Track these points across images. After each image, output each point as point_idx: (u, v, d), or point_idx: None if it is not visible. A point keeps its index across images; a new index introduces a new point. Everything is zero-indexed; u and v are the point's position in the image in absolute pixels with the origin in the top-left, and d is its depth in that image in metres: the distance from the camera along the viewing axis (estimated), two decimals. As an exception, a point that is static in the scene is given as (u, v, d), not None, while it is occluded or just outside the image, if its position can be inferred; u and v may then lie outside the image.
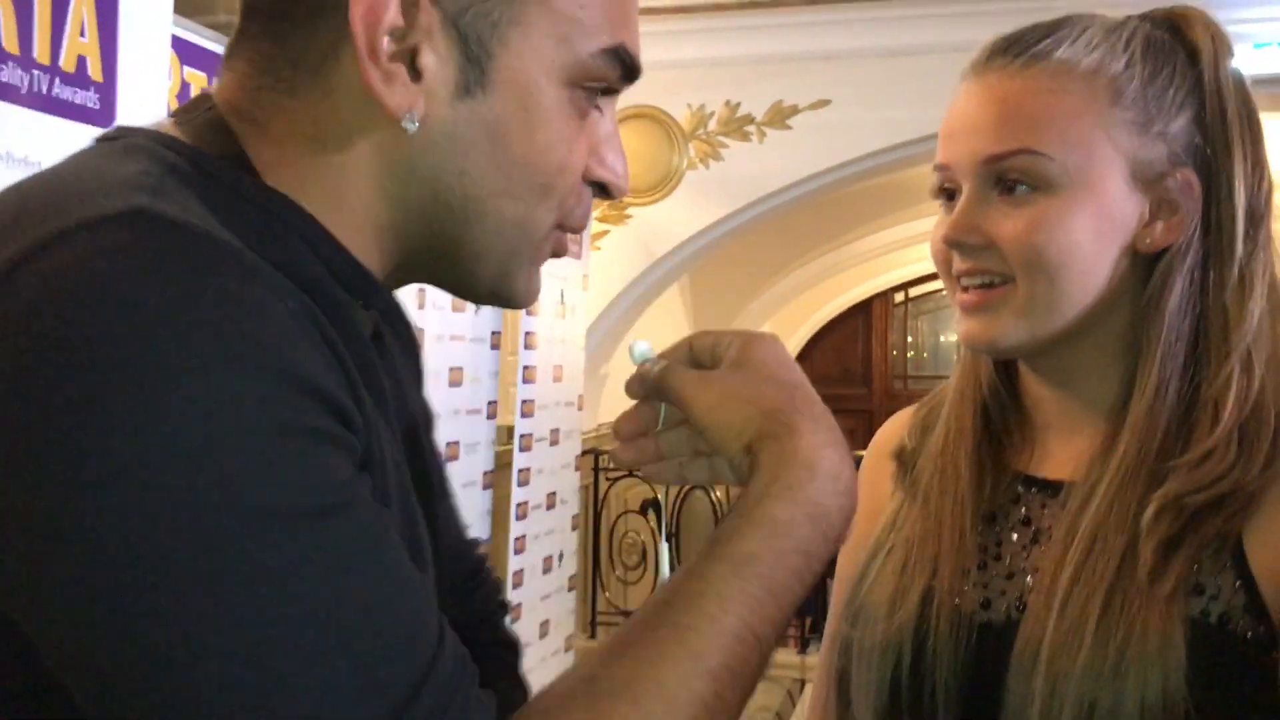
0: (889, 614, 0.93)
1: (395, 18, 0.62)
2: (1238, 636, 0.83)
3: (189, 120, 0.67)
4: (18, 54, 1.89)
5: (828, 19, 4.83)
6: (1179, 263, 0.90)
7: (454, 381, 3.80)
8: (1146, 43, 0.92)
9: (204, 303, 0.52)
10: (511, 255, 0.69)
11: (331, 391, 0.56)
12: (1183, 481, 0.84)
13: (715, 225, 5.09)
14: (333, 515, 0.53)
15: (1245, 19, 4.56)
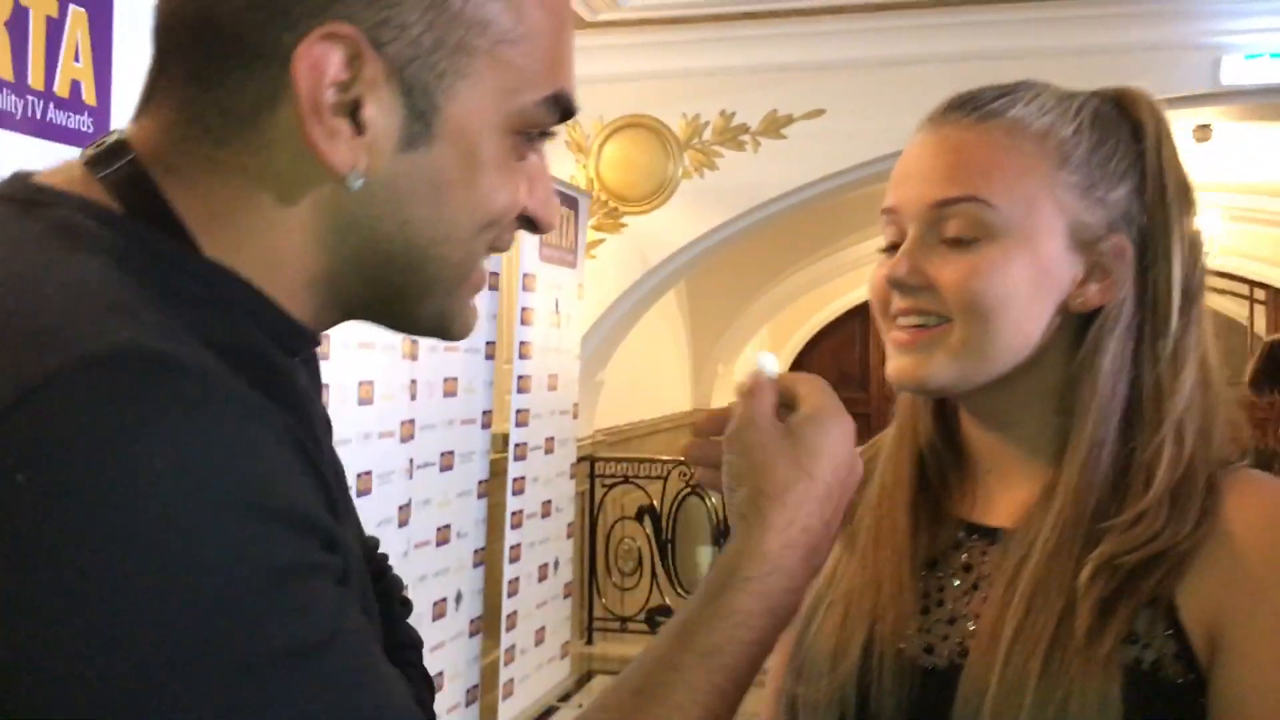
0: (832, 668, 0.96)
1: (340, 70, 0.60)
2: (1169, 683, 0.86)
3: (107, 175, 0.63)
4: (12, 80, 1.92)
5: (822, 30, 4.85)
6: (1110, 326, 0.93)
7: (449, 392, 3.83)
8: (1095, 114, 0.95)
9: (201, 450, 0.52)
10: (450, 294, 0.69)
11: (319, 519, 0.57)
12: (1117, 543, 0.87)
13: (710, 234, 5.12)
14: (327, 647, 0.54)
15: (1237, 30, 4.60)
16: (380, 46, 0.61)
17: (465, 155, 0.64)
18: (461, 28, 0.62)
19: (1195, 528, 0.86)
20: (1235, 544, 0.87)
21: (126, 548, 0.49)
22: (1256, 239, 9.83)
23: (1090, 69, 4.63)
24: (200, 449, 0.52)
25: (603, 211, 5.15)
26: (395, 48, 0.61)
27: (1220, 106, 5.06)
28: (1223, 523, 0.88)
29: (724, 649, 0.69)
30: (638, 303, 5.37)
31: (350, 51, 0.60)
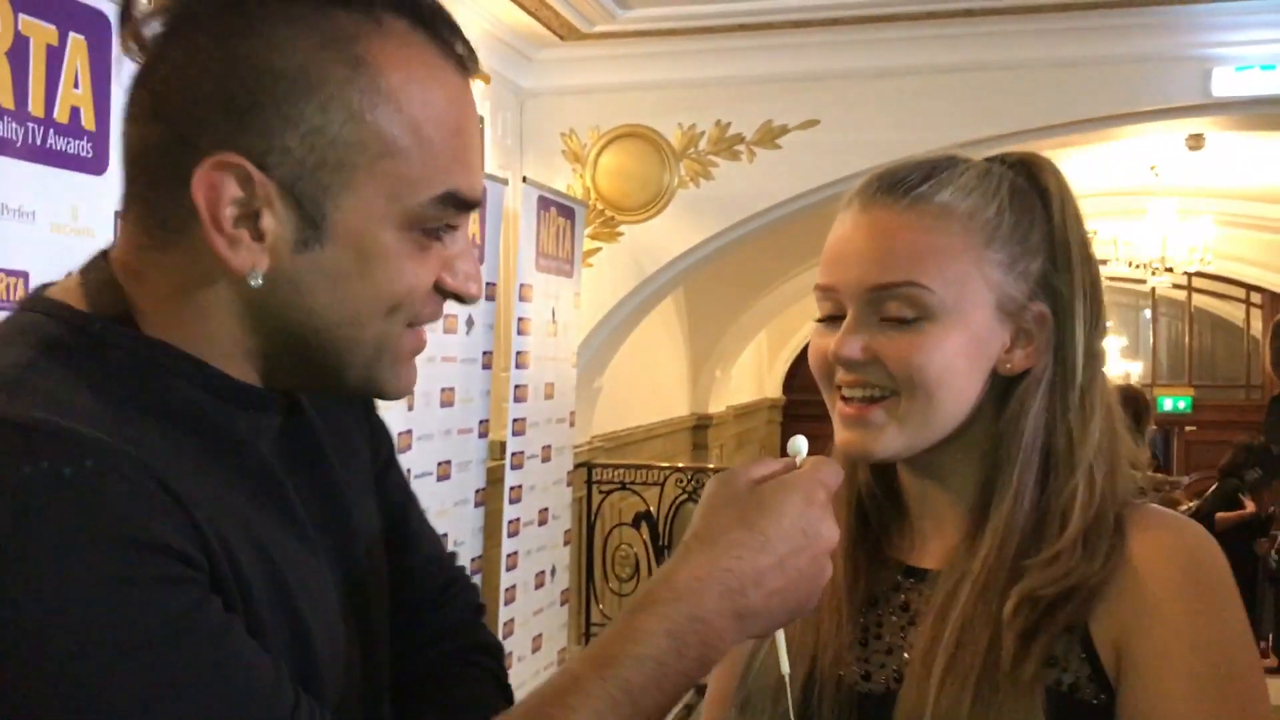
0: (774, 702, 1.01)
1: (235, 190, 0.73)
2: (1085, 703, 0.93)
3: (88, 280, 0.79)
4: (13, 108, 1.96)
5: (816, 41, 4.89)
6: (1034, 386, 1.00)
7: (445, 402, 3.86)
8: (1012, 190, 1.01)
9: (45, 494, 0.66)
10: (371, 365, 0.80)
11: (171, 543, 0.69)
12: (1036, 579, 0.94)
13: (706, 242, 5.15)
14: (171, 639, 0.67)
15: (1228, 42, 4.64)
16: (267, 170, 0.74)
17: (357, 252, 0.76)
18: (340, 149, 0.74)
19: (1104, 563, 0.95)
20: (1137, 575, 0.95)
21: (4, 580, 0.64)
22: (1251, 244, 9.87)
23: (1082, 81, 4.69)
24: (45, 496, 0.66)
25: (599, 221, 5.18)
26: (281, 170, 0.74)
27: (1211, 117, 5.09)
28: (1128, 556, 0.96)
29: (618, 660, 0.75)
30: (634, 311, 5.41)
31: (241, 175, 0.73)
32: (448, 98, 0.78)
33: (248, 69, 0.73)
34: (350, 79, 0.74)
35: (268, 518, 0.79)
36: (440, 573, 1.02)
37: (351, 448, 0.94)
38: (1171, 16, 4.61)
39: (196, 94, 0.74)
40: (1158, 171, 7.24)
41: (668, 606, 0.78)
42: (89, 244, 2.12)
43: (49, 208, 2.04)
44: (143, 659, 0.66)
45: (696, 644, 0.77)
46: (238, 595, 0.73)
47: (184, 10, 0.76)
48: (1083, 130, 4.97)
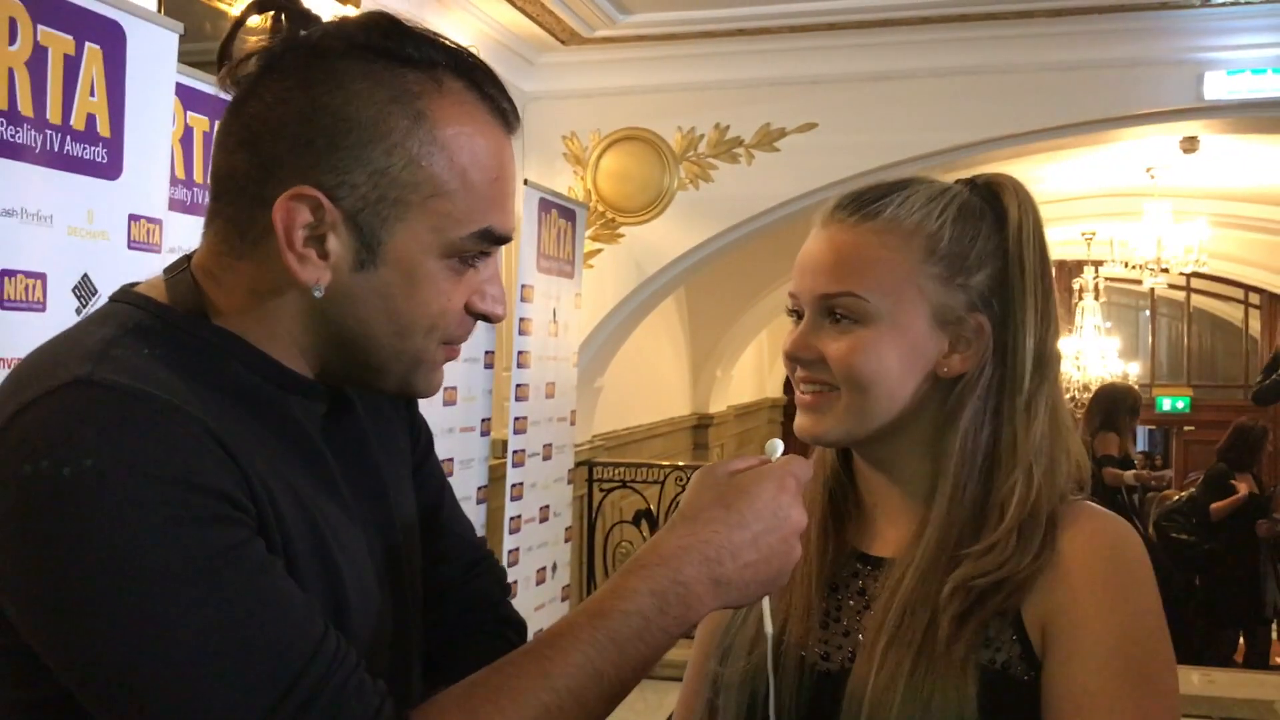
0: (749, 653, 1.12)
1: (307, 216, 0.87)
2: (1017, 680, 1.02)
3: (171, 278, 0.94)
4: (31, 116, 2.03)
5: (814, 45, 4.95)
6: (971, 388, 1.09)
7: (448, 401, 3.93)
8: (960, 208, 1.10)
9: (121, 440, 0.78)
10: (409, 371, 0.94)
11: (219, 486, 0.80)
12: (971, 568, 1.04)
13: (705, 244, 5.21)
14: (218, 569, 0.78)
15: (1220, 46, 4.70)
16: (337, 200, 0.87)
17: (405, 275, 0.90)
18: (398, 188, 0.88)
19: (1035, 558, 1.03)
20: (1064, 565, 1.04)
21: (56, 508, 0.76)
22: (1248, 245, 9.92)
23: (1076, 84, 4.76)
24: (107, 440, 0.78)
25: (600, 222, 5.25)
26: (348, 201, 0.88)
27: (1204, 120, 5.16)
28: (1058, 550, 1.05)
29: (608, 614, 0.87)
30: (634, 311, 5.47)
31: (314, 204, 0.87)
32: (490, 150, 0.92)
33: (328, 116, 0.87)
34: (412, 130, 0.88)
35: (310, 483, 0.91)
36: (470, 552, 1.14)
37: (392, 437, 1.07)
38: (1164, 21, 4.67)
39: (282, 132, 0.87)
40: (1153, 173, 7.29)
41: (653, 570, 0.89)
42: (103, 246, 2.19)
43: (65, 211, 2.11)
44: (192, 584, 0.77)
45: (677, 604, 0.88)
46: (279, 541, 0.85)
47: (275, 57, 0.89)
48: (1076, 133, 5.03)
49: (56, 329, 2.01)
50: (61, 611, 0.78)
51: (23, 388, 0.82)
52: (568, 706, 0.83)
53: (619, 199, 5.21)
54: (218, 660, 0.77)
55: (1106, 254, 9.26)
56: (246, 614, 0.79)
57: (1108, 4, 4.57)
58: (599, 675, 0.85)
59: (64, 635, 0.78)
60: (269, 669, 0.78)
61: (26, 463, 0.78)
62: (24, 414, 0.80)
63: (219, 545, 0.79)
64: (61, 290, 2.10)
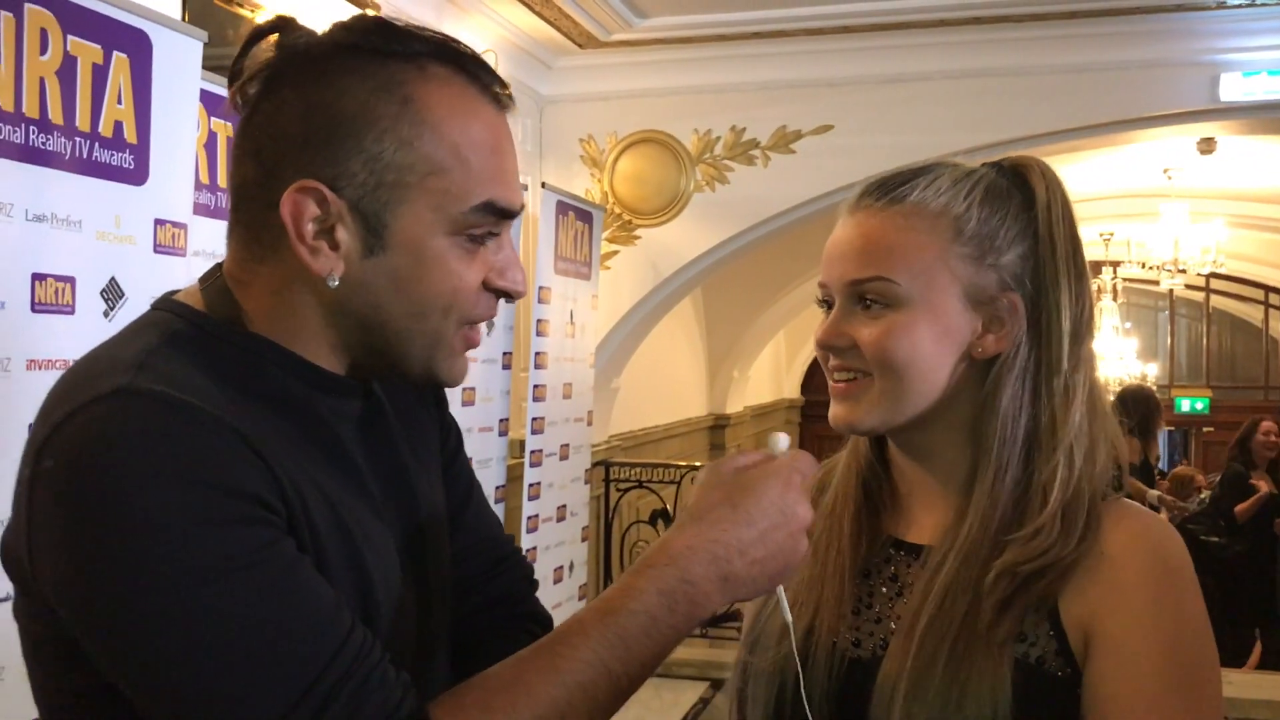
0: (778, 643, 1.12)
1: (314, 209, 0.91)
2: (1051, 675, 1.02)
3: (207, 286, 0.98)
4: (61, 124, 2.08)
5: (830, 47, 4.98)
6: (1008, 368, 1.08)
7: (467, 401, 3.98)
8: (987, 189, 1.10)
9: (159, 447, 0.82)
10: (431, 353, 0.96)
11: (251, 489, 0.84)
12: (1017, 553, 1.03)
13: (721, 245, 5.24)
14: (250, 568, 0.82)
15: (1236, 48, 4.70)
16: (339, 191, 0.91)
17: (413, 256, 0.93)
18: (395, 170, 0.91)
19: (1079, 543, 1.03)
20: (1107, 561, 1.03)
21: (99, 512, 0.81)
22: (1268, 245, 9.89)
23: (1091, 86, 4.77)
24: (147, 447, 0.82)
25: (616, 224, 5.29)
26: (349, 190, 0.91)
27: (1220, 121, 5.16)
28: (1100, 543, 1.04)
29: (617, 612, 0.90)
30: (651, 312, 5.50)
31: (318, 196, 0.91)
32: (482, 125, 0.94)
33: (320, 113, 0.91)
34: (400, 114, 0.91)
35: (339, 484, 0.94)
36: (496, 548, 1.17)
37: (422, 437, 1.09)
38: (1180, 22, 4.68)
39: (281, 136, 0.92)
40: (1170, 175, 7.29)
41: (661, 570, 0.91)
42: (130, 250, 2.24)
43: (94, 216, 2.16)
44: (225, 582, 0.82)
45: (685, 602, 0.91)
46: (309, 540, 0.88)
47: (274, 71, 0.93)
48: (1092, 135, 5.03)
49: (85, 331, 2.10)
50: (104, 608, 0.82)
51: (68, 397, 0.86)
52: (577, 701, 0.86)
53: (636, 201, 5.25)
54: (247, 654, 0.81)
55: (1124, 255, 9.25)
56: (276, 610, 0.83)
57: (1123, 6, 4.57)
58: (608, 672, 0.88)
59: (106, 630, 0.83)
60: (296, 663, 0.82)
61: (70, 469, 0.82)
62: (69, 422, 0.84)
63: (251, 545, 0.83)
64: (90, 293, 2.15)
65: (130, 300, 2.22)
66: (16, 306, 2.00)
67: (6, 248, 1.97)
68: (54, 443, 0.84)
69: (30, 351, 2.02)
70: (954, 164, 1.13)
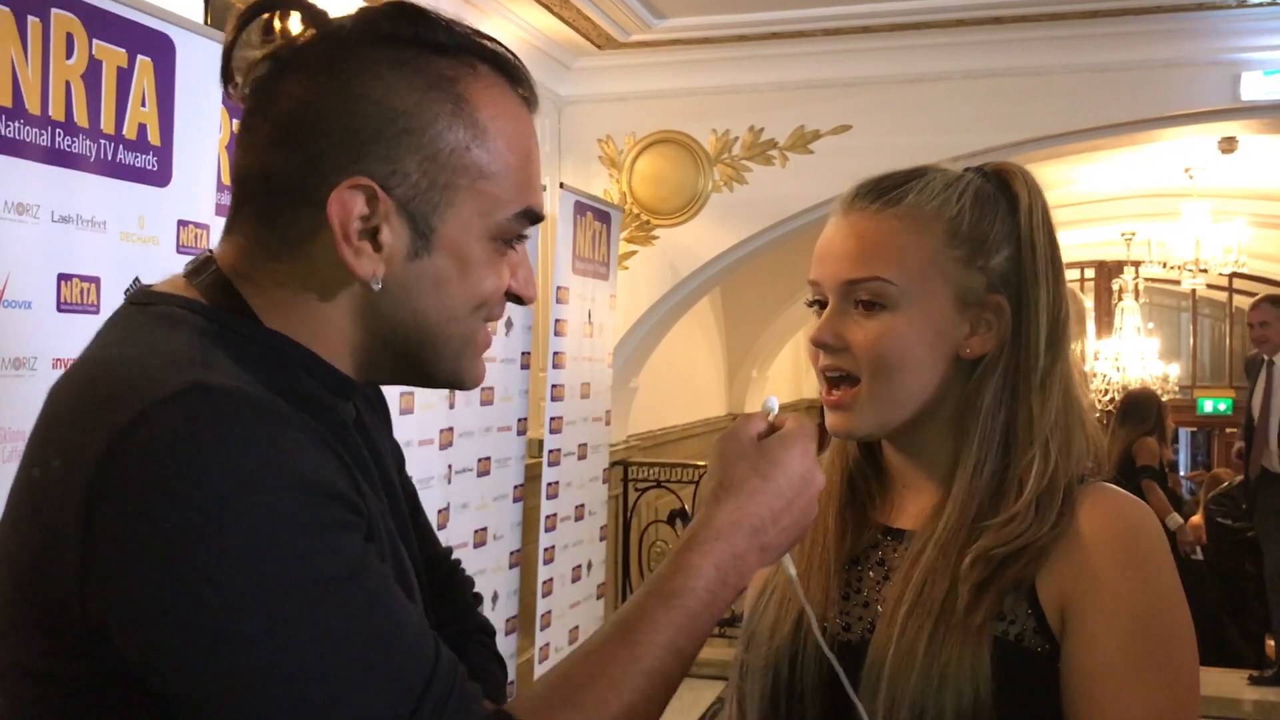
0: (770, 638, 1.16)
1: (362, 208, 0.86)
2: (1030, 652, 1.06)
3: (199, 281, 0.90)
4: (87, 126, 2.11)
5: (848, 47, 4.98)
6: (992, 368, 1.12)
7: (486, 401, 4.00)
8: (976, 194, 1.13)
9: (252, 448, 0.77)
10: (458, 357, 0.94)
11: (345, 492, 0.81)
12: (992, 538, 1.07)
13: (739, 246, 5.26)
14: (352, 578, 0.78)
15: (1257, 47, 4.68)
16: (389, 190, 0.87)
17: (457, 259, 0.90)
18: (447, 173, 0.88)
19: (1053, 527, 1.07)
20: (1082, 542, 1.07)
21: (196, 519, 0.74)
22: (1289, 245, 9.82)
23: (1110, 86, 4.76)
24: (241, 448, 0.76)
25: (635, 224, 5.30)
26: (400, 190, 0.87)
27: (1241, 120, 5.13)
28: (1075, 525, 1.08)
29: (678, 592, 0.90)
30: (669, 312, 5.52)
31: (368, 195, 0.86)
32: (521, 130, 0.93)
33: (370, 105, 0.86)
34: (455, 114, 0.88)
35: (369, 485, 0.91)
36: (443, 565, 1.14)
37: (387, 447, 1.07)
38: (1200, 21, 4.66)
39: (322, 126, 0.86)
40: (1192, 174, 7.25)
41: (712, 544, 0.93)
42: (154, 251, 2.28)
43: (118, 218, 2.19)
44: (331, 596, 0.77)
45: (734, 575, 0.93)
46: (380, 547, 0.86)
47: (293, 54, 0.88)
48: (1112, 134, 5.02)
49: (109, 331, 2.11)
50: (201, 627, 0.74)
51: (119, 400, 0.78)
52: (657, 686, 0.87)
53: (654, 201, 5.26)
54: (356, 673, 0.76)
55: (1145, 255, 9.20)
56: (379, 624, 0.79)
57: (1143, 5, 4.56)
58: (680, 652, 0.89)
59: (202, 653, 0.75)
60: (404, 677, 0.78)
61: (154, 475, 0.75)
62: (141, 426, 0.76)
63: (350, 553, 0.79)
64: (114, 293, 2.18)
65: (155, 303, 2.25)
66: (43, 306, 2.03)
67: (33, 248, 2.01)
68: (125, 449, 0.75)
69: (56, 351, 2.05)
70: (942, 169, 1.16)
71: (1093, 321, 12.94)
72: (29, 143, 1.99)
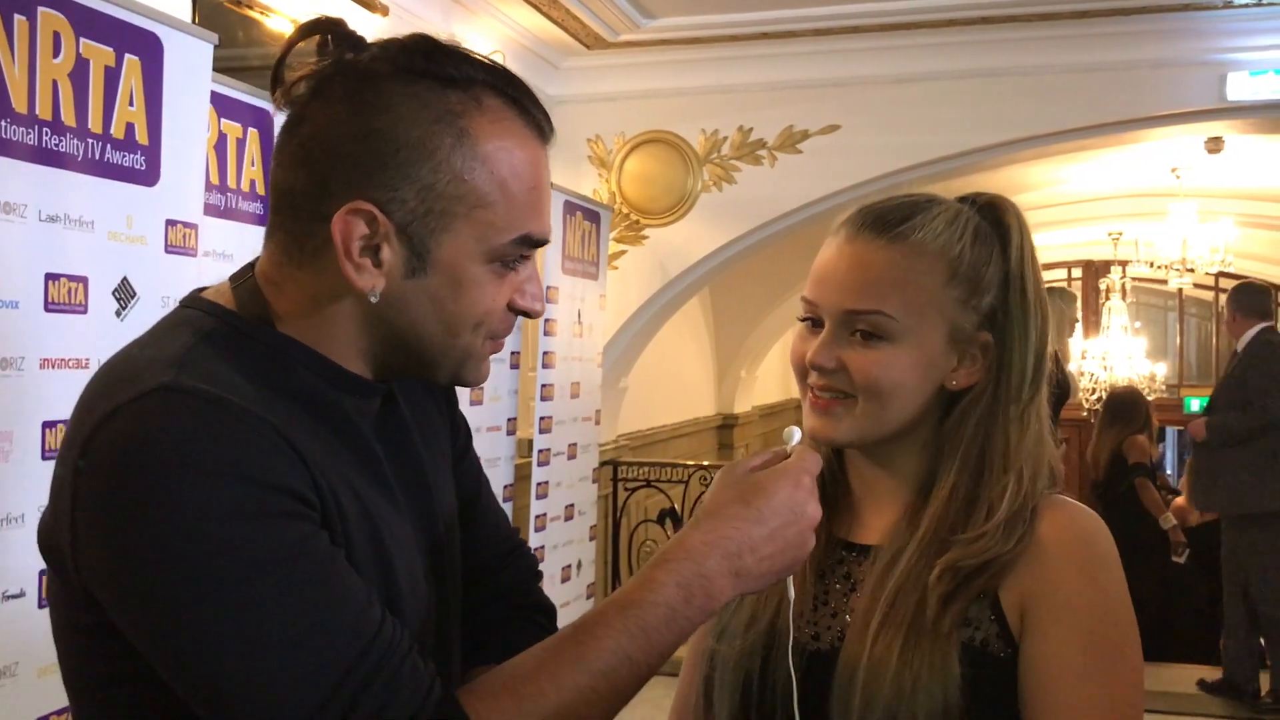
0: (745, 633, 1.19)
1: (363, 229, 0.94)
2: (994, 657, 1.11)
3: (238, 285, 1.01)
4: (74, 125, 2.10)
5: (837, 48, 4.99)
6: (976, 400, 1.17)
7: (475, 400, 4.00)
8: (975, 232, 1.17)
9: (201, 442, 0.86)
10: (459, 364, 1.01)
11: (292, 485, 0.88)
12: (959, 553, 1.12)
13: (728, 245, 5.27)
14: (287, 562, 0.86)
15: (1243, 47, 4.71)
16: (389, 214, 0.94)
17: (452, 280, 0.97)
18: (445, 200, 0.95)
19: (1017, 543, 1.12)
20: (1041, 550, 1.12)
21: (155, 510, 0.84)
22: (1277, 245, 9.87)
23: (1098, 86, 4.78)
24: (191, 442, 0.85)
25: (624, 224, 5.31)
26: (399, 215, 0.95)
27: (1227, 120, 5.16)
28: (1036, 536, 1.13)
29: (637, 604, 0.94)
30: (658, 312, 5.52)
31: (368, 217, 0.94)
32: (528, 160, 0.98)
33: (378, 137, 0.93)
34: (456, 147, 0.94)
35: (365, 479, 0.98)
36: (504, 542, 1.21)
37: (435, 435, 1.14)
38: (1187, 22, 4.69)
39: (335, 153, 0.94)
40: (1179, 174, 7.28)
41: (679, 564, 0.96)
42: (142, 250, 2.27)
43: (106, 217, 2.19)
44: (267, 574, 0.85)
45: (701, 595, 0.96)
46: (340, 533, 0.92)
47: (325, 80, 0.96)
48: (1099, 134, 5.05)
49: (98, 330, 2.12)
50: (147, 600, 0.86)
51: (109, 393, 0.89)
52: (601, 688, 0.91)
53: (643, 201, 5.27)
54: (285, 645, 0.85)
55: (1132, 254, 9.24)
56: (313, 603, 0.86)
57: (1130, 6, 4.58)
58: (630, 660, 0.92)
59: (149, 621, 0.86)
60: (331, 654, 0.86)
61: (115, 464, 0.86)
62: (113, 419, 0.87)
63: (290, 538, 0.87)
64: (102, 293, 2.18)
65: (142, 300, 2.25)
66: (30, 306, 2.02)
67: (20, 248, 2.00)
68: (98, 438, 0.87)
69: (43, 350, 2.04)
70: (941, 200, 1.19)
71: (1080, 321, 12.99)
72: (16, 142, 1.98)
